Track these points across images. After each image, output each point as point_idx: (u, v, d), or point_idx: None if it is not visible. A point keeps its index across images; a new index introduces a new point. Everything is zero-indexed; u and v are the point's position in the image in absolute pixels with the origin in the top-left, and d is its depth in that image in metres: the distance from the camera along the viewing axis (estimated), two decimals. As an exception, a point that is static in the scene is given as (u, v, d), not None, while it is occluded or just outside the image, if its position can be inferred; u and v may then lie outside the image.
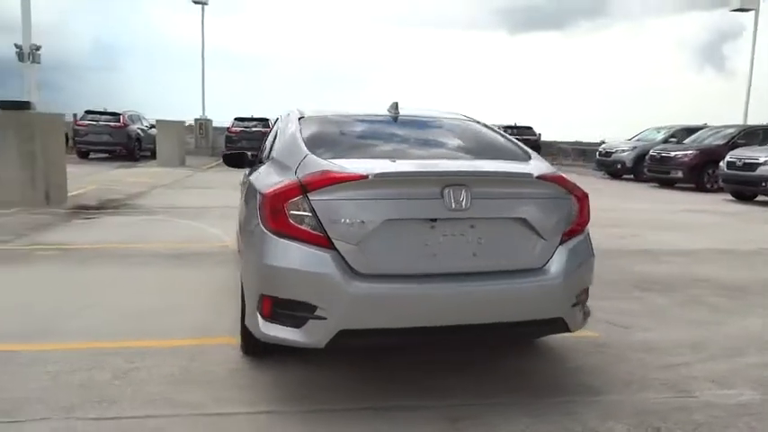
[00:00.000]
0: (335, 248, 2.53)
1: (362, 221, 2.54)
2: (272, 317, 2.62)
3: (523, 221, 2.74)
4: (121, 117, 18.97)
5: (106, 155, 19.39)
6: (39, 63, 9.39)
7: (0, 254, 5.67)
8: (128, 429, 2.49)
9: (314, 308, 2.51)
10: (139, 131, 19.78)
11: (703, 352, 3.55)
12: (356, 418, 2.63)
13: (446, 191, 2.59)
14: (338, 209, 2.55)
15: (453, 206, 2.59)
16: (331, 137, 3.28)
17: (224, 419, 2.59)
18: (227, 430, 2.53)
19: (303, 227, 2.55)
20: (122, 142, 18.78)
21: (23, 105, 9.11)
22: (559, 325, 2.78)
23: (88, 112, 19.05)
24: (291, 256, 2.55)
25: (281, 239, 2.58)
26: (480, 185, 2.67)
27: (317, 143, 3.05)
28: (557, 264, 2.76)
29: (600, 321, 3.90)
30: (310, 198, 2.55)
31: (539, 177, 2.80)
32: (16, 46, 9.15)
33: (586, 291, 2.97)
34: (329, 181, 2.57)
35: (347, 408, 2.73)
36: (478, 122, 3.81)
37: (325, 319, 2.50)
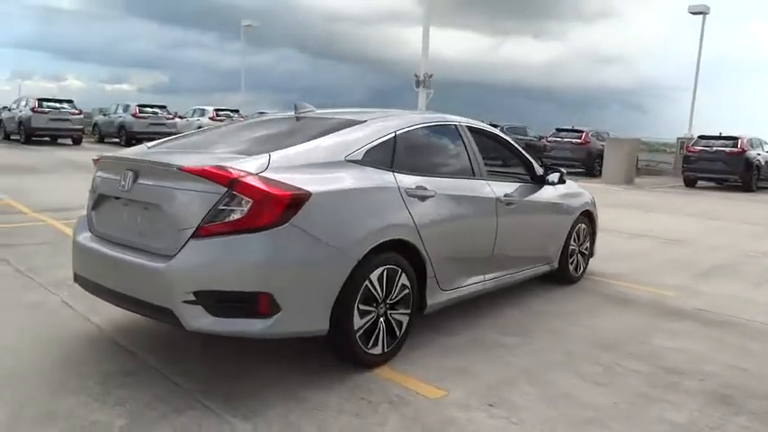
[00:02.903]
0: (91, 211, 3.46)
1: (93, 191, 3.41)
2: None
3: (162, 208, 2.93)
4: (739, 142, 16.76)
5: (716, 184, 17.67)
6: (430, 88, 11.65)
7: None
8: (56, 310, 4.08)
9: None
10: (759, 158, 17.06)
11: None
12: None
13: (122, 174, 3.11)
14: (94, 182, 3.47)
15: (119, 188, 3.11)
16: (203, 133, 4.16)
17: (76, 317, 3.87)
18: (61, 319, 3.81)
19: None
20: (738, 170, 16.65)
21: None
22: (171, 317, 2.79)
23: (702, 137, 17.93)
24: None
25: None
26: (146, 173, 3.05)
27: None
28: (178, 255, 2.79)
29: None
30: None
31: (181, 169, 2.87)
32: (415, 75, 11.65)
33: (228, 296, 2.75)
34: (95, 161, 3.51)
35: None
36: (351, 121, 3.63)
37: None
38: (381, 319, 3.28)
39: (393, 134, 3.58)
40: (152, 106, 23.49)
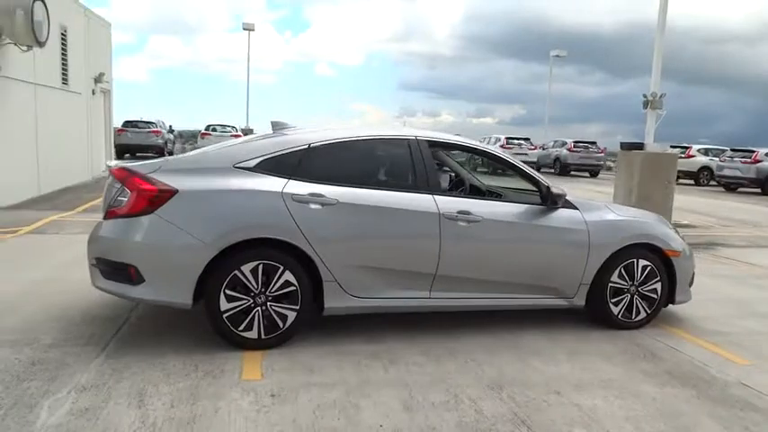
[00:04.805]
0: None
1: None
2: None
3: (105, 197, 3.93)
4: None
5: None
6: (660, 109, 10.19)
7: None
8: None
9: None
10: None
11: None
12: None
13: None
14: None
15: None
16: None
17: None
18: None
19: None
20: None
21: (636, 146, 10.40)
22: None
23: None
24: None
25: None
26: (111, 173, 4.01)
27: None
28: (95, 230, 3.76)
29: None
30: None
31: (109, 168, 3.84)
32: (643, 95, 10.32)
33: (117, 265, 3.56)
34: None
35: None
36: (284, 133, 4.13)
37: None
38: (259, 308, 3.66)
39: (306, 146, 3.90)
40: (518, 138, 27.88)
